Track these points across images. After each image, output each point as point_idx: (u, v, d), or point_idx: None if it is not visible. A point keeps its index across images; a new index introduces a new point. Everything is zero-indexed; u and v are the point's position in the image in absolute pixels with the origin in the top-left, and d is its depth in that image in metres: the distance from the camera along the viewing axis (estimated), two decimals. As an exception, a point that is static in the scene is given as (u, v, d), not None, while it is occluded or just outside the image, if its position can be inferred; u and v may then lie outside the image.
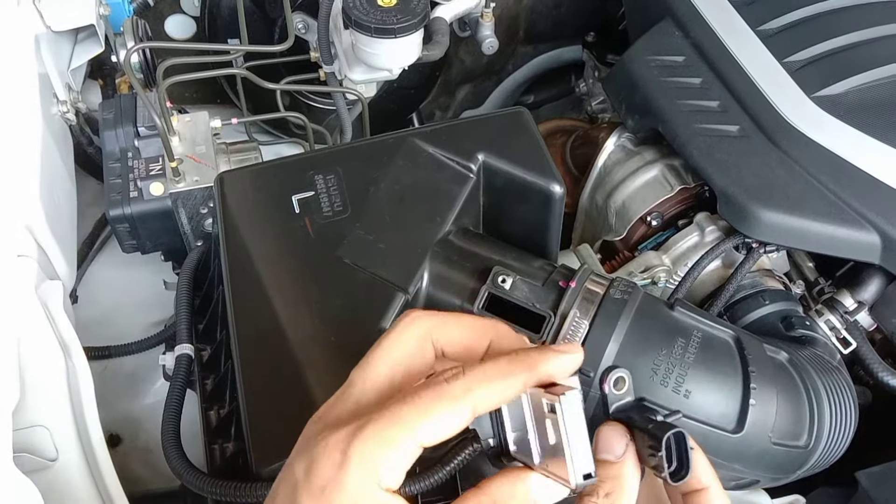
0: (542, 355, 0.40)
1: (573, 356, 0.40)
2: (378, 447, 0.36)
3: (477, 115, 0.79)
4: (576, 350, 0.40)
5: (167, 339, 0.94)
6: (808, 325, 0.83)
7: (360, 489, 0.36)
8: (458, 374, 0.38)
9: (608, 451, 0.41)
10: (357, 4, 0.93)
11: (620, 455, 0.41)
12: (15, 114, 0.83)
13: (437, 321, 0.42)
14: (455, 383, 0.38)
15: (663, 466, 0.39)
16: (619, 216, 1.01)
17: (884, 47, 0.89)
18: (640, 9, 1.10)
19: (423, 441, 0.37)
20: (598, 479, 0.39)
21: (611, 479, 0.40)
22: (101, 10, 1.03)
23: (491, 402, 0.39)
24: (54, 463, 0.64)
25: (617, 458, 0.41)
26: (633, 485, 0.41)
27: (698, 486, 0.42)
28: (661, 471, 0.40)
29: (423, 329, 0.42)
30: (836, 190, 0.81)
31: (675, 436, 0.39)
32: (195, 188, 0.89)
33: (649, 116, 0.94)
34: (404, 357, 0.41)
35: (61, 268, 0.84)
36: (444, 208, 0.68)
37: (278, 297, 0.63)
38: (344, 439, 0.37)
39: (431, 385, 0.38)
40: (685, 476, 0.40)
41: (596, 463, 0.40)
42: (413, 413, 0.37)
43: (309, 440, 0.39)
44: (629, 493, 0.40)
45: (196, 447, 0.73)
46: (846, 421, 0.72)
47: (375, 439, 0.36)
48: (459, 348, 0.43)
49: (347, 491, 0.36)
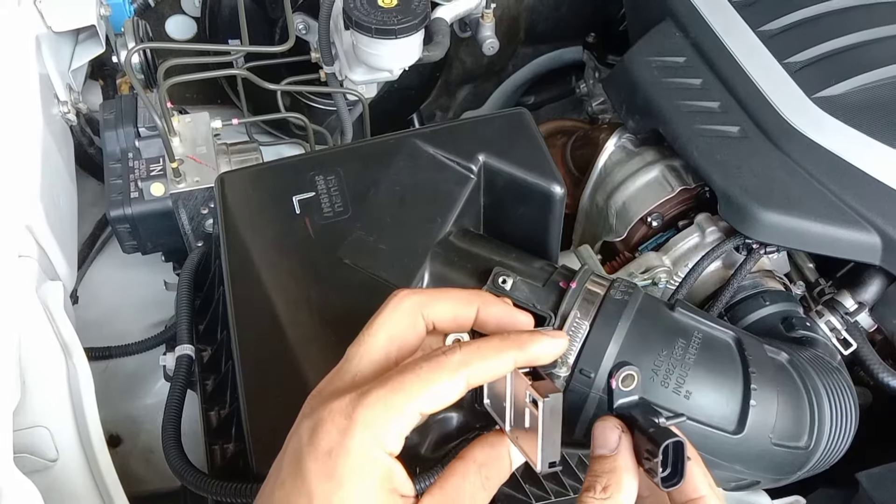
0: (531, 336, 0.42)
1: (559, 341, 0.43)
2: (382, 412, 0.38)
3: (477, 116, 0.79)
4: (561, 335, 0.44)
5: (168, 339, 0.94)
6: (809, 325, 0.83)
7: (366, 452, 0.38)
8: (455, 348, 0.41)
9: (603, 445, 0.42)
10: (358, 5, 0.93)
11: (614, 448, 0.42)
12: (16, 114, 0.83)
13: (426, 297, 0.44)
14: (452, 356, 0.40)
15: (657, 471, 0.40)
16: (620, 217, 1.01)
17: (884, 48, 0.89)
18: (640, 10, 1.11)
19: (423, 409, 0.39)
20: (595, 475, 0.41)
21: (607, 473, 0.41)
22: (102, 11, 1.03)
23: (483, 375, 0.41)
24: (55, 463, 0.64)
25: (611, 451, 0.42)
26: (630, 479, 0.41)
27: (694, 496, 0.42)
28: (654, 475, 0.40)
29: (413, 304, 0.44)
30: (836, 191, 0.81)
31: (673, 444, 0.40)
32: (196, 189, 0.89)
33: (650, 117, 0.94)
34: (397, 332, 0.43)
35: (62, 268, 0.84)
36: (445, 209, 0.68)
37: (279, 298, 0.63)
38: (349, 405, 0.38)
39: (431, 358, 0.40)
40: (677, 484, 0.40)
41: (592, 459, 0.42)
42: (414, 382, 0.39)
43: (313, 409, 0.40)
44: (627, 487, 0.41)
45: (196, 447, 0.73)
46: (847, 422, 0.72)
47: (380, 405, 0.38)
48: (449, 320, 0.45)
49: (353, 454, 0.37)
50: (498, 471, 0.44)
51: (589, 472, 0.42)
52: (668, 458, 0.40)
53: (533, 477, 0.67)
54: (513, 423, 0.43)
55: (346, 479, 0.37)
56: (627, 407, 0.44)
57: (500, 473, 0.44)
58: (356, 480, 0.37)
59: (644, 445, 0.41)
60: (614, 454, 0.42)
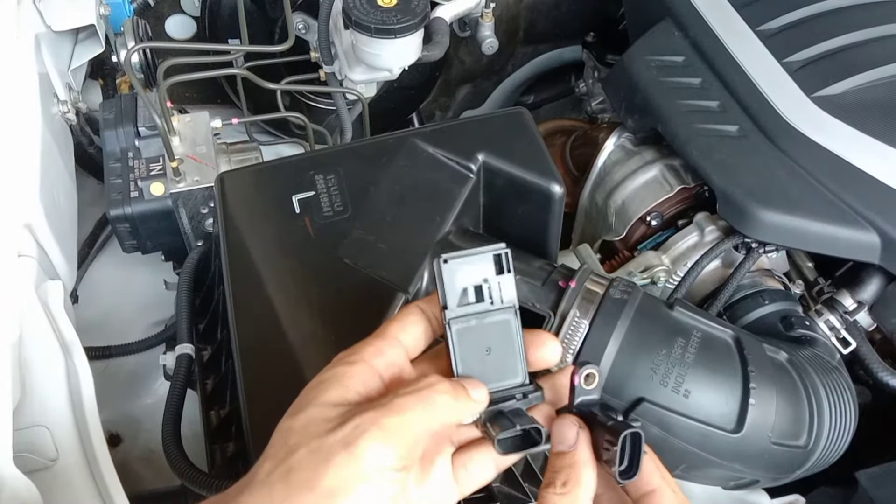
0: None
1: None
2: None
3: (477, 116, 0.79)
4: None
5: (168, 339, 0.94)
6: (808, 325, 0.83)
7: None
8: None
9: (561, 441, 0.43)
10: (357, 5, 0.93)
11: (573, 444, 0.43)
12: (15, 114, 0.83)
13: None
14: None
15: (614, 461, 0.40)
16: (619, 216, 1.01)
17: (884, 47, 0.89)
18: (639, 9, 1.11)
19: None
20: (554, 470, 0.42)
21: (566, 469, 0.42)
22: (102, 10, 1.03)
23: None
24: (55, 463, 0.64)
25: (569, 447, 0.43)
26: (588, 474, 0.42)
27: (647, 489, 0.43)
28: (612, 465, 0.40)
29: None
30: (835, 190, 0.81)
31: (631, 435, 0.40)
32: (196, 188, 0.89)
33: (649, 116, 0.94)
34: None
35: (62, 268, 0.84)
36: (444, 208, 0.68)
37: (278, 297, 0.63)
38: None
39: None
40: (633, 476, 0.41)
41: (552, 455, 0.43)
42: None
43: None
44: (586, 482, 0.42)
45: (197, 447, 0.73)
46: (846, 421, 0.72)
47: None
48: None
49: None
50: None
51: (549, 468, 0.43)
52: (626, 449, 0.41)
53: (533, 476, 0.68)
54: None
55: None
56: (587, 405, 0.44)
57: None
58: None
59: (603, 437, 0.42)
60: (573, 450, 0.43)
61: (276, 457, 0.40)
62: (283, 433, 0.41)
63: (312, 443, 0.39)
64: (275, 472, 0.39)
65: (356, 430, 0.39)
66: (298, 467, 0.39)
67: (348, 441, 0.39)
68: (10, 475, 0.56)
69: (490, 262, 0.44)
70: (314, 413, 0.41)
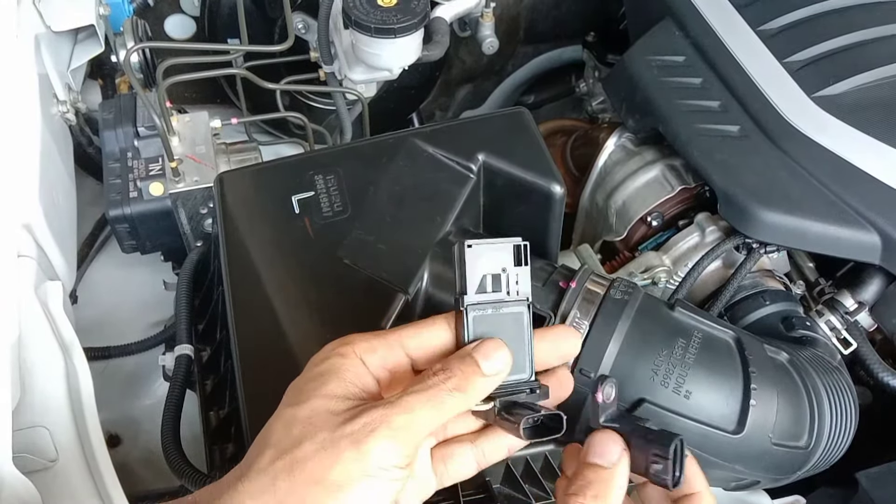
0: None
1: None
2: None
3: (477, 116, 0.79)
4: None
5: (167, 339, 0.94)
6: (809, 325, 0.83)
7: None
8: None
9: (601, 456, 0.43)
10: (357, 4, 0.93)
11: (615, 462, 0.43)
12: (15, 114, 0.83)
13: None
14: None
15: (669, 471, 0.40)
16: (620, 216, 1.01)
17: (884, 47, 0.89)
18: (640, 9, 1.10)
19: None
20: (586, 480, 0.42)
21: (600, 483, 0.42)
22: (101, 10, 1.03)
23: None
24: (54, 463, 0.64)
25: (610, 464, 0.43)
26: (620, 491, 0.43)
27: (690, 491, 0.44)
28: (664, 476, 0.41)
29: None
30: (836, 190, 0.81)
31: (679, 443, 0.40)
32: (195, 188, 0.89)
33: (650, 116, 0.94)
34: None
35: (61, 268, 0.84)
36: (444, 209, 0.68)
37: (278, 298, 0.63)
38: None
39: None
40: (680, 482, 0.41)
41: (585, 466, 0.43)
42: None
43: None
44: (616, 497, 0.42)
45: (196, 448, 0.73)
46: (846, 421, 0.72)
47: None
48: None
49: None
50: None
51: (578, 477, 0.43)
52: (678, 458, 0.41)
53: (533, 477, 0.67)
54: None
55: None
56: (612, 419, 0.45)
57: None
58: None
59: (650, 450, 0.42)
60: (612, 467, 0.43)
61: (279, 446, 0.40)
62: (285, 422, 0.41)
63: (319, 436, 0.39)
64: (278, 461, 0.39)
65: (366, 427, 0.39)
66: (304, 459, 0.39)
67: (357, 438, 0.39)
68: (9, 475, 0.56)
69: (510, 252, 0.45)
70: (318, 405, 0.41)
